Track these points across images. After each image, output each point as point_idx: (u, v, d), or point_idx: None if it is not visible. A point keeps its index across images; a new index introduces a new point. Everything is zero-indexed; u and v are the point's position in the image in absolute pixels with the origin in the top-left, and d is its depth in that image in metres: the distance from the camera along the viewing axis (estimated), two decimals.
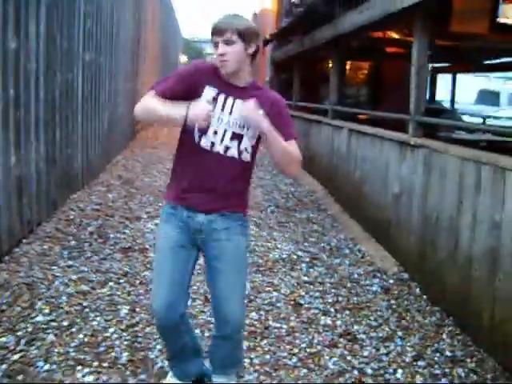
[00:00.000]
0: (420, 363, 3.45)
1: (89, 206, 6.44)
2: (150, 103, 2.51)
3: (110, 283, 4.28)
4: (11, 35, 4.55)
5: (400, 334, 3.83)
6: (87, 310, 3.79)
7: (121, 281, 4.35)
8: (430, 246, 4.56)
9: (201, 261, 2.84)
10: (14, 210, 4.79)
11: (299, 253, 5.39)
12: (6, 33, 4.47)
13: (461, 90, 18.78)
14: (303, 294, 4.41)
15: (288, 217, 6.85)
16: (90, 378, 2.98)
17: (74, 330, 3.49)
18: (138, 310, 3.85)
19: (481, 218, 3.77)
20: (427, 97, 16.71)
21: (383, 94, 13.73)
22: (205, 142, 2.53)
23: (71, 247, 4.99)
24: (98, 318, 3.66)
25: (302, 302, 4.25)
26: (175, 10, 27.45)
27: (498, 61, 13.20)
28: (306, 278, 4.75)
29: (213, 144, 2.53)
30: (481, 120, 14.71)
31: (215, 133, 2.53)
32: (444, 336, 3.84)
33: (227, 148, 2.55)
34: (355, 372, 3.29)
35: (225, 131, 2.53)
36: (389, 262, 5.23)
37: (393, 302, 4.38)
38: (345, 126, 7.51)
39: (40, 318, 3.59)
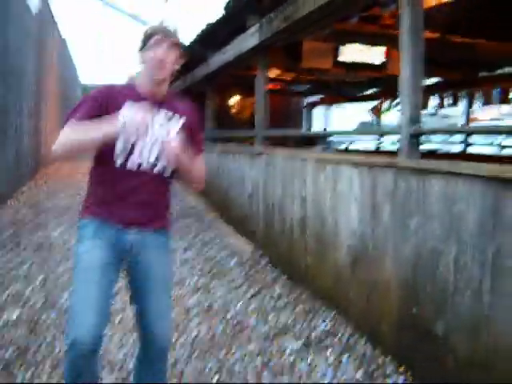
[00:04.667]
0: (254, 298, 4.87)
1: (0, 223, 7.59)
2: (70, 136, 2.32)
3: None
4: None
5: (245, 285, 5.24)
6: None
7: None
8: (270, 226, 6.05)
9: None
10: None
11: (179, 243, 6.73)
12: None
13: (348, 122, 21.49)
14: (177, 268, 5.74)
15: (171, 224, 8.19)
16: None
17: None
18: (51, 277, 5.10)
19: (296, 196, 5.29)
20: (307, 127, 18.91)
21: None
22: (131, 163, 2.41)
23: None
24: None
25: (174, 270, 5.58)
26: (72, 57, 28.73)
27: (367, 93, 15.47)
28: (181, 257, 6.09)
29: (140, 164, 2.43)
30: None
31: (140, 152, 2.42)
32: (277, 285, 5.29)
33: (154, 165, 2.45)
34: (206, 304, 4.65)
35: (151, 148, 2.42)
36: (246, 247, 6.68)
37: (245, 270, 5.80)
38: (216, 147, 9.01)
39: None
